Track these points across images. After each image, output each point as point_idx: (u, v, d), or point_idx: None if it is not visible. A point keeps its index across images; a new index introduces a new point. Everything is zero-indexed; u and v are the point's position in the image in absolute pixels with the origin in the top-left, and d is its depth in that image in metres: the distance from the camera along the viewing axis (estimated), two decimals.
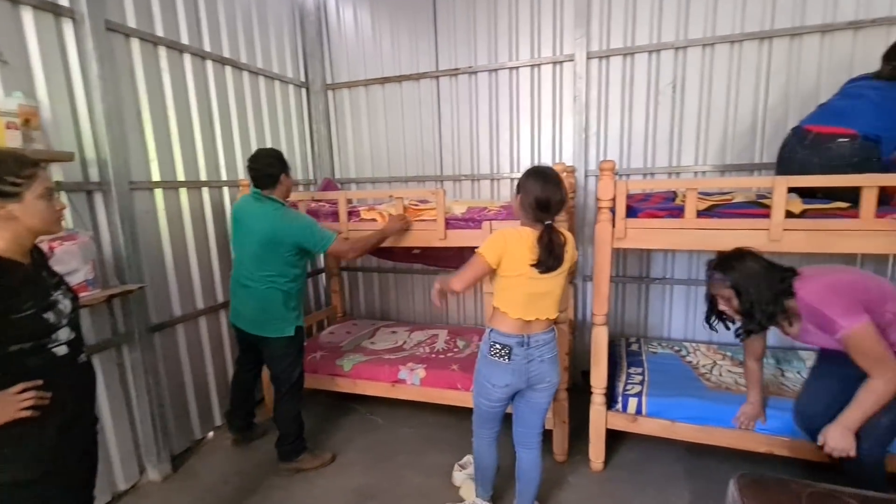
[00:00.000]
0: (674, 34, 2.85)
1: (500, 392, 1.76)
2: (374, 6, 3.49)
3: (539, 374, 1.74)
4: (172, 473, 2.44)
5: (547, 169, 1.71)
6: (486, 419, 1.88)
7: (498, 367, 1.72)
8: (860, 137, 1.87)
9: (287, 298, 2.24)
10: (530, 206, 1.64)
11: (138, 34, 2.31)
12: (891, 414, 1.55)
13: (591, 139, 3.11)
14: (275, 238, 2.14)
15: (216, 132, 2.82)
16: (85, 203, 2.11)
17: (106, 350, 2.17)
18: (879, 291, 1.58)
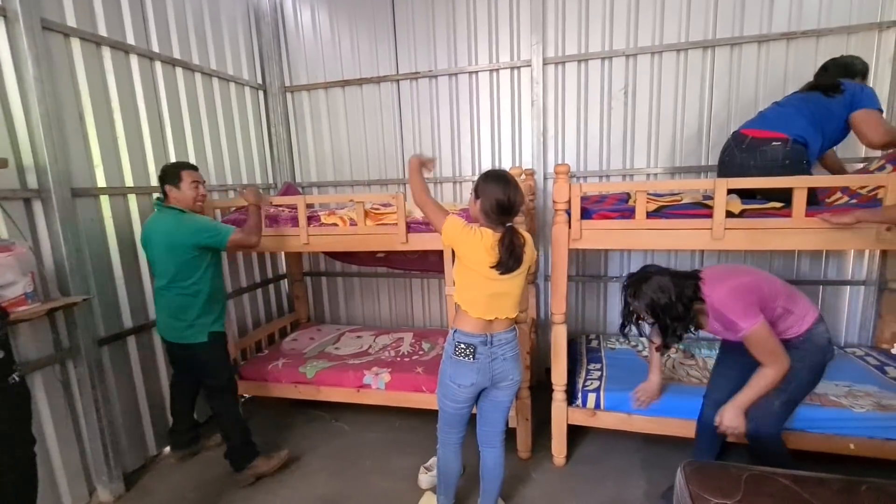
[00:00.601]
0: (624, 42, 2.97)
1: (466, 392, 1.77)
2: (332, 8, 3.46)
3: (503, 371, 1.77)
4: (125, 492, 2.33)
5: (504, 172, 1.73)
6: (452, 422, 1.89)
7: (463, 366, 1.74)
8: (791, 141, 2.01)
9: (195, 304, 2.21)
10: (491, 209, 1.66)
11: (79, 34, 2.20)
12: (783, 395, 1.79)
13: (549, 142, 3.20)
14: (173, 242, 2.14)
15: (167, 136, 2.72)
16: (22, 212, 1.99)
17: (48, 367, 2.06)
18: (770, 289, 1.77)
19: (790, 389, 1.79)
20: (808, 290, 2.89)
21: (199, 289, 2.21)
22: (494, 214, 1.66)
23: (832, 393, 2.21)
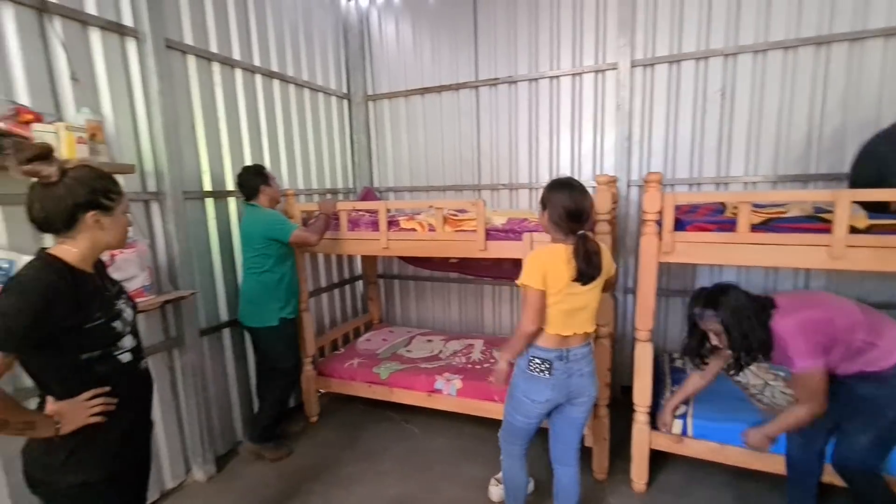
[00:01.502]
0: (723, 41, 2.76)
1: (539, 408, 1.72)
2: (415, 19, 3.55)
3: (579, 388, 1.70)
4: (216, 474, 2.51)
5: (569, 178, 1.69)
6: (517, 435, 1.83)
7: (538, 382, 1.68)
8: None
9: (266, 289, 2.46)
10: (560, 218, 1.61)
11: (194, 51, 2.43)
12: (870, 431, 1.66)
13: (634, 148, 3.04)
14: (251, 233, 2.43)
15: (263, 143, 2.92)
16: (143, 212, 2.22)
17: (158, 353, 2.27)
18: (847, 322, 1.65)
19: (878, 426, 1.65)
20: None
21: (271, 277, 2.46)
22: (564, 223, 1.62)
23: None
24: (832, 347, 1.63)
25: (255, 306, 2.47)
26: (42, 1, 1.79)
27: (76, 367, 1.22)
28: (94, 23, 1.98)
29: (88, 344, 1.22)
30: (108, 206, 1.23)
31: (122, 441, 1.31)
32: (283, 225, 2.43)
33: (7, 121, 1.58)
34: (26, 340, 1.09)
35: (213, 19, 2.54)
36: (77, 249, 1.22)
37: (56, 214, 1.18)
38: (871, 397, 1.64)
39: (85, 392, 1.22)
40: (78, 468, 1.23)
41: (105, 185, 1.24)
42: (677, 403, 2.17)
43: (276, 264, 2.48)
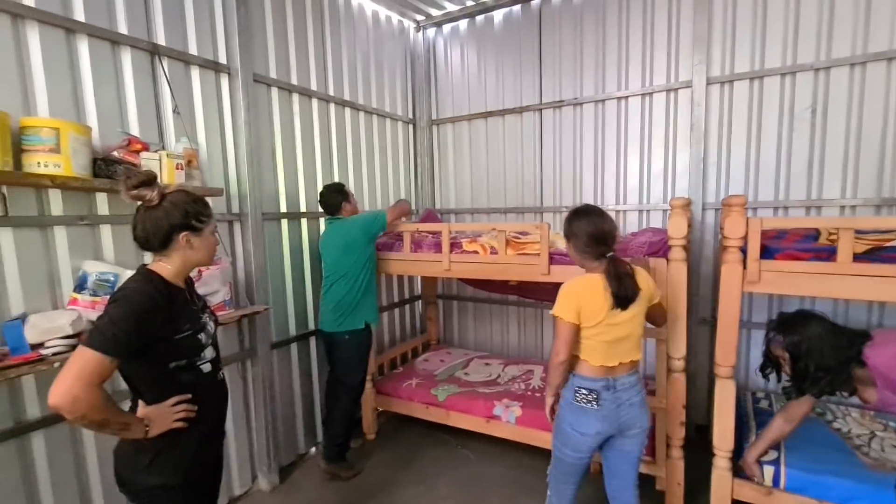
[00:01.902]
0: (813, 54, 2.56)
1: (589, 441, 1.63)
2: (480, 45, 3.63)
3: (630, 418, 1.62)
4: (279, 484, 2.60)
5: (588, 205, 1.71)
6: (568, 473, 1.73)
7: (586, 413, 1.61)
8: None
9: (358, 295, 2.54)
10: (587, 245, 1.62)
11: (278, 84, 2.63)
12: None
13: (710, 170, 2.87)
14: (350, 241, 2.51)
15: (334, 167, 3.08)
16: (227, 232, 2.40)
17: (233, 363, 2.41)
18: None
19: None
20: None
21: (364, 282, 2.56)
22: (591, 248, 1.62)
23: None
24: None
25: (345, 311, 2.52)
26: (154, 44, 2.03)
27: (164, 374, 1.31)
28: (194, 61, 2.21)
29: (176, 353, 1.32)
30: (198, 228, 1.33)
31: (199, 446, 1.39)
32: (375, 217, 2.59)
33: (121, 150, 1.79)
34: (129, 346, 1.19)
35: (294, 54, 2.75)
36: (171, 266, 1.33)
37: (154, 235, 1.30)
38: None
39: (170, 398, 1.31)
40: (159, 471, 1.31)
41: (197, 208, 1.35)
42: (763, 450, 1.96)
43: (372, 268, 2.63)
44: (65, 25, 1.74)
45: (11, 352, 1.51)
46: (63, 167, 1.59)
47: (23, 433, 1.66)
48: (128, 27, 1.94)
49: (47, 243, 1.72)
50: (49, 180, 1.55)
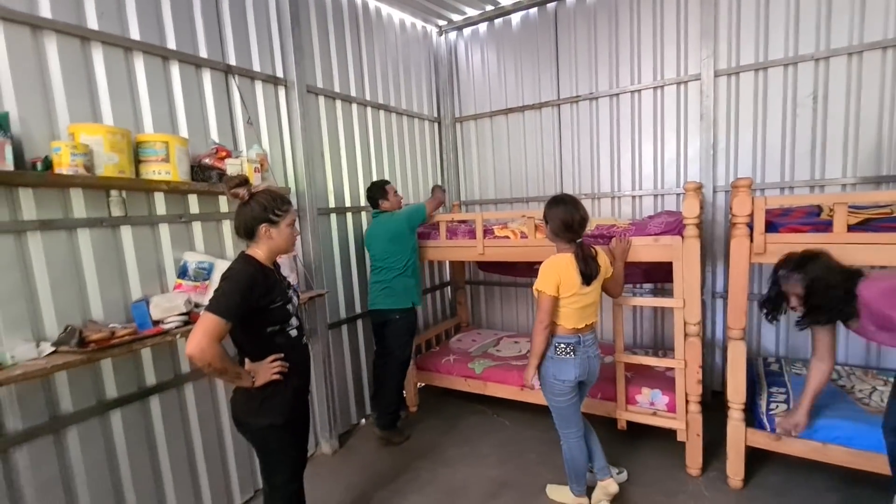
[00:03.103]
0: (813, 45, 2.78)
1: (569, 385, 2.04)
2: (499, 46, 3.89)
3: (593, 368, 2.11)
4: (339, 448, 2.93)
5: (565, 195, 2.05)
6: (566, 417, 2.12)
7: (566, 363, 2.03)
8: None
9: (405, 279, 2.84)
10: (559, 229, 1.97)
11: (324, 92, 2.93)
12: None
13: (720, 155, 3.11)
14: (395, 232, 2.82)
15: (372, 165, 3.38)
16: None
17: None
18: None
19: None
20: None
21: (410, 268, 2.87)
22: (563, 233, 1.97)
23: None
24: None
25: (394, 293, 2.83)
26: (228, 65, 2.34)
27: (263, 337, 1.64)
28: (258, 77, 2.52)
29: (271, 320, 1.64)
30: (276, 221, 1.64)
31: (294, 396, 1.72)
32: (416, 209, 2.91)
33: (211, 157, 2.11)
34: (238, 312, 1.50)
35: (336, 64, 3.05)
36: (262, 252, 1.66)
37: (243, 226, 1.63)
38: None
39: (269, 356, 1.63)
40: (267, 413, 1.63)
41: (275, 204, 1.66)
42: (810, 404, 2.08)
43: (416, 255, 2.94)
44: (162, 54, 2.06)
45: (139, 327, 1.84)
46: (172, 174, 1.91)
47: (143, 397, 2.00)
48: (207, 51, 2.25)
49: (155, 238, 2.05)
50: (165, 185, 1.87)
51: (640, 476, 2.45)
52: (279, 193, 1.73)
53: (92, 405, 1.82)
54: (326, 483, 2.57)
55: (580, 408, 2.18)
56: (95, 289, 1.83)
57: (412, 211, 2.91)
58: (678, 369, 2.44)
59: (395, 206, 2.95)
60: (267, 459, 1.70)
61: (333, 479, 2.62)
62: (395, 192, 2.97)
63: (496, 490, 2.45)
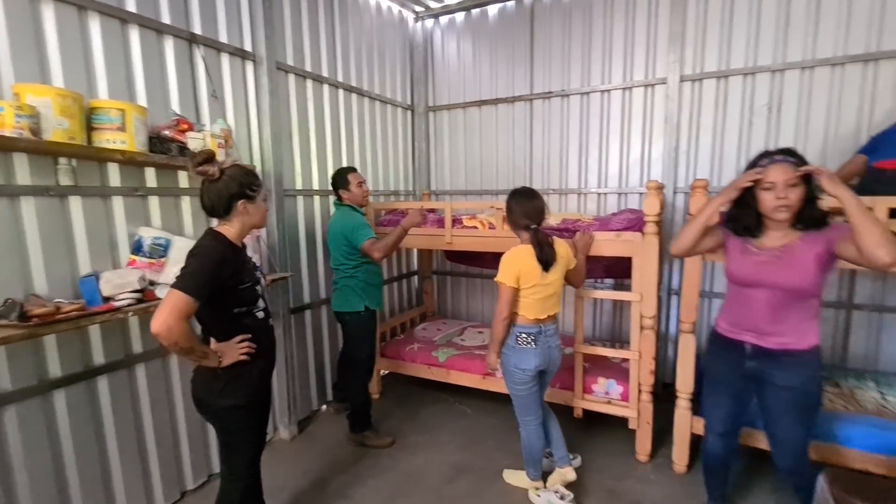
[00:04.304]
0: (771, 58, 2.93)
1: (530, 374, 2.10)
2: (475, 37, 3.89)
3: (554, 358, 2.16)
4: (298, 434, 2.90)
5: (525, 187, 2.13)
6: (525, 406, 2.18)
7: (526, 352, 2.08)
8: None
9: (355, 283, 2.62)
10: (518, 218, 2.06)
11: (294, 70, 2.85)
12: (805, 423, 1.70)
13: (682, 158, 3.24)
14: (336, 233, 2.61)
15: (342, 148, 3.32)
16: None
17: None
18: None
19: (810, 414, 1.72)
20: None
21: (357, 272, 2.63)
22: (520, 221, 2.05)
23: None
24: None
25: (345, 294, 2.65)
26: (192, 34, 2.24)
27: (230, 317, 1.60)
28: (225, 49, 2.42)
29: (240, 301, 1.61)
30: (252, 196, 1.61)
31: (259, 378, 1.69)
32: (359, 231, 2.53)
33: (171, 129, 2.02)
34: (207, 291, 1.46)
35: (308, 43, 2.96)
36: (233, 229, 1.61)
37: (218, 203, 1.57)
38: (798, 385, 1.63)
39: (236, 337, 1.60)
40: (231, 394, 1.60)
41: (250, 179, 1.62)
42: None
43: (362, 262, 2.61)
44: (120, 16, 1.94)
45: (87, 303, 1.75)
46: (128, 144, 1.81)
47: (89, 377, 1.91)
48: (170, 17, 2.14)
49: (107, 211, 1.95)
50: (120, 155, 1.78)
51: (592, 461, 2.55)
52: (249, 168, 1.69)
53: (33, 384, 1.72)
54: (284, 468, 2.54)
55: (542, 397, 2.24)
56: (40, 261, 1.73)
57: (354, 231, 2.54)
58: (633, 360, 2.55)
59: (358, 200, 2.68)
60: (228, 441, 1.66)
61: (291, 464, 2.59)
62: (361, 182, 2.68)
63: (454, 475, 2.49)
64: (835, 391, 2.49)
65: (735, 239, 1.76)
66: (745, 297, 1.71)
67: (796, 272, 1.58)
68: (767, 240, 1.67)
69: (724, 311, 1.85)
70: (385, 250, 2.51)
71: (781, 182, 1.53)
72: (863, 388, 2.51)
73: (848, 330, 2.96)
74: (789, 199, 1.53)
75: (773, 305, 1.64)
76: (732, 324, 1.79)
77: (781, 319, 1.64)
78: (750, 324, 1.71)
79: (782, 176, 1.53)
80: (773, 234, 1.66)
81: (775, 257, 1.62)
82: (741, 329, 1.75)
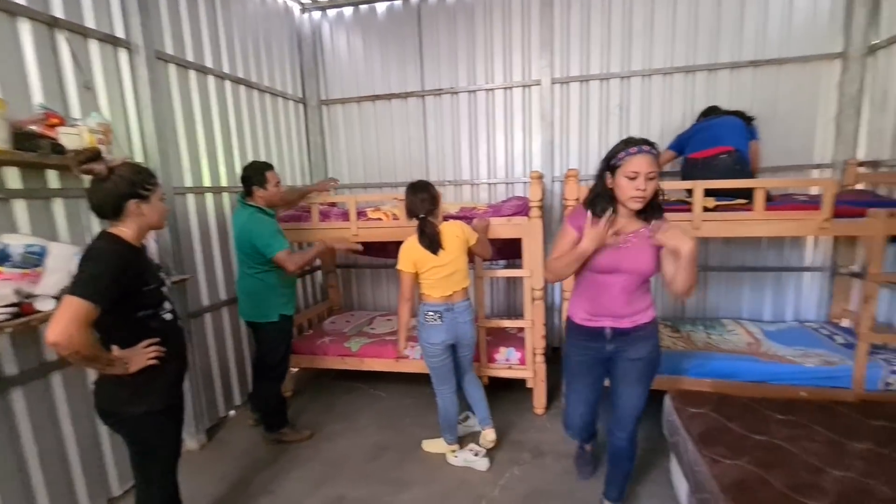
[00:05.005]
0: (619, 66, 3.51)
1: (439, 348, 2.32)
2: (365, 32, 3.96)
3: (463, 332, 2.36)
4: (207, 443, 2.78)
5: (419, 181, 2.33)
6: (439, 376, 2.42)
7: (434, 328, 2.30)
8: (736, 151, 2.56)
9: (266, 287, 2.50)
10: (410, 209, 2.28)
11: (175, 60, 2.67)
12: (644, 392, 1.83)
13: (556, 151, 3.72)
14: (241, 236, 2.47)
15: (233, 142, 3.18)
16: None
17: None
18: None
19: (648, 382, 1.85)
20: (773, 276, 3.45)
21: (267, 276, 2.50)
22: (410, 213, 2.28)
23: (789, 354, 2.74)
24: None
25: (256, 302, 2.52)
26: (53, 17, 2.00)
27: (134, 322, 1.56)
28: (93, 35, 2.20)
29: (144, 303, 1.57)
30: (145, 196, 1.57)
31: (174, 380, 1.66)
32: (270, 242, 2.40)
33: (38, 124, 1.81)
34: (109, 296, 1.41)
35: (188, 31, 2.79)
36: (129, 230, 1.56)
37: (106, 204, 1.51)
38: (646, 355, 1.75)
39: (142, 342, 1.55)
40: (142, 400, 1.56)
41: (142, 178, 1.58)
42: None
43: (272, 266, 2.47)
44: None
45: None
46: None
47: None
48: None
49: None
50: None
51: (499, 420, 2.87)
52: (143, 166, 1.62)
53: None
54: (197, 478, 2.43)
55: (465, 368, 2.49)
56: None
57: (264, 241, 2.40)
58: (527, 329, 2.92)
59: (273, 201, 2.55)
60: (142, 450, 1.60)
61: (205, 472, 2.50)
62: (279, 182, 2.56)
63: (377, 453, 2.63)
64: (675, 335, 3.14)
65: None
66: (603, 284, 1.73)
67: (647, 257, 1.67)
68: (620, 226, 1.69)
69: (578, 300, 1.82)
70: (301, 264, 2.44)
71: (644, 173, 1.55)
72: (695, 331, 3.21)
73: None
74: (647, 190, 1.57)
75: (627, 289, 1.71)
76: (591, 312, 1.77)
77: (634, 300, 1.73)
78: (608, 309, 1.74)
79: (646, 168, 1.55)
80: (623, 220, 1.69)
81: (629, 243, 1.68)
82: (600, 315, 1.76)
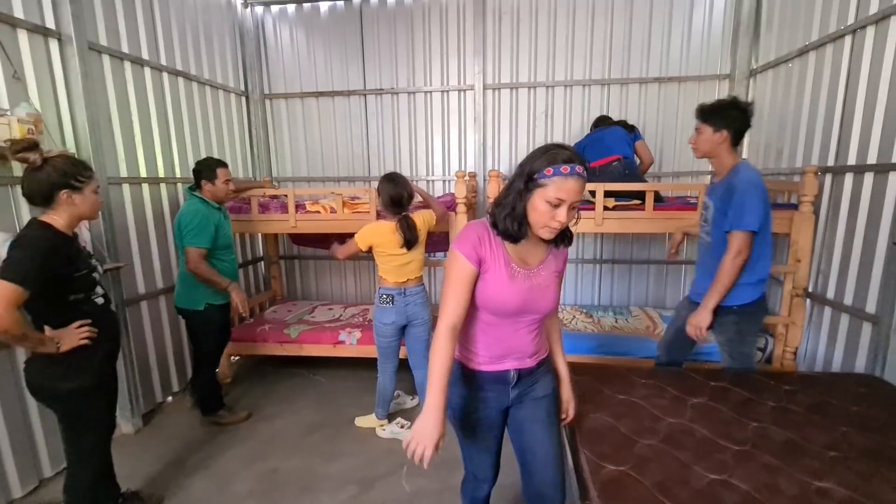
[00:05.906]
0: (545, 76, 3.84)
1: (390, 328, 2.54)
2: (308, 30, 4.06)
3: (414, 313, 2.56)
4: (143, 427, 2.85)
5: (394, 174, 2.46)
6: (387, 354, 2.64)
7: (385, 310, 2.52)
8: (623, 158, 2.95)
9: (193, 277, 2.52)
10: (388, 203, 2.41)
11: (109, 51, 2.70)
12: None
13: (489, 152, 4.01)
14: (176, 223, 2.56)
15: (171, 134, 3.22)
16: None
17: None
18: None
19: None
20: (674, 268, 3.93)
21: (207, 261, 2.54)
22: (390, 206, 2.42)
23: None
24: None
25: (186, 289, 2.59)
26: None
27: (67, 305, 1.68)
28: (22, 25, 2.22)
29: (75, 288, 1.69)
30: (78, 187, 1.69)
31: (105, 359, 1.79)
32: (188, 236, 2.45)
33: None
34: (37, 280, 1.52)
35: (123, 22, 2.81)
36: (60, 219, 1.67)
37: (38, 192, 1.63)
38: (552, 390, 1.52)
39: (74, 322, 1.67)
40: (75, 376, 1.69)
41: (76, 170, 1.69)
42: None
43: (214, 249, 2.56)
44: None
45: None
46: None
47: None
48: None
49: None
50: None
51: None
52: (78, 159, 1.72)
53: None
54: (132, 459, 2.52)
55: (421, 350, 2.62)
56: None
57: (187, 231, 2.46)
58: None
59: (220, 196, 2.61)
60: (74, 425, 1.72)
61: (140, 454, 2.59)
62: (229, 180, 2.62)
63: (311, 431, 2.82)
64: (588, 321, 3.53)
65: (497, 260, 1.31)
66: (511, 326, 1.39)
67: (553, 293, 1.41)
68: (524, 254, 1.36)
69: (476, 344, 1.41)
70: (200, 273, 2.48)
71: (570, 202, 1.21)
72: (605, 317, 3.61)
73: (600, 279, 4.12)
74: (568, 220, 1.25)
75: (535, 328, 1.43)
76: (494, 357, 1.42)
77: (538, 336, 1.47)
78: (513, 351, 1.42)
79: (574, 196, 1.20)
80: (528, 247, 1.36)
81: (537, 278, 1.36)
82: (503, 358, 1.42)
